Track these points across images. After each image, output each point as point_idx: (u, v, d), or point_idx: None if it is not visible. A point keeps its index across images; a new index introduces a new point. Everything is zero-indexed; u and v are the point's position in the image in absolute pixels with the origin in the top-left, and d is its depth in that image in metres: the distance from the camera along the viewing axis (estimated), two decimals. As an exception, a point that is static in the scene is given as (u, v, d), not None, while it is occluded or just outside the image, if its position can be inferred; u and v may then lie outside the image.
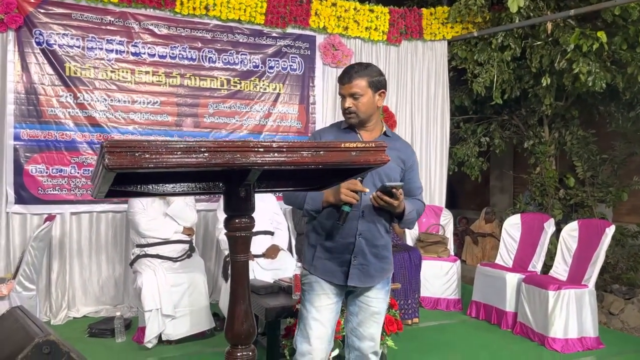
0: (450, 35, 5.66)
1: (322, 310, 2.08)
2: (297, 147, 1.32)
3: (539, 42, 5.24)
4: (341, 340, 2.73)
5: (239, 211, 1.45)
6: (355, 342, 2.12)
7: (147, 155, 1.15)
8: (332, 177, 1.69)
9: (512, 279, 4.10)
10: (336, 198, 1.94)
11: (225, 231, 4.39)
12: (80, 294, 4.34)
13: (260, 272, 3.81)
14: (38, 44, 4.11)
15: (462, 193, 9.02)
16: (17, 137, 4.08)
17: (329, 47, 5.16)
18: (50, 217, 3.77)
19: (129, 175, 1.34)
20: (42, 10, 4.13)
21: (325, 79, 5.24)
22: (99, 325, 3.86)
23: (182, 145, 1.20)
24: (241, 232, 1.45)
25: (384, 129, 2.12)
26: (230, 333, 1.46)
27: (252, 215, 1.47)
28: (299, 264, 3.80)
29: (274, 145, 1.32)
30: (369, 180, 1.98)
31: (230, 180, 1.43)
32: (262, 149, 1.27)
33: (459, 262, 4.82)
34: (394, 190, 1.89)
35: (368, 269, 2.02)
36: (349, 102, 2.02)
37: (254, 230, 4.49)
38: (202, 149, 1.21)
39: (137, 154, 1.14)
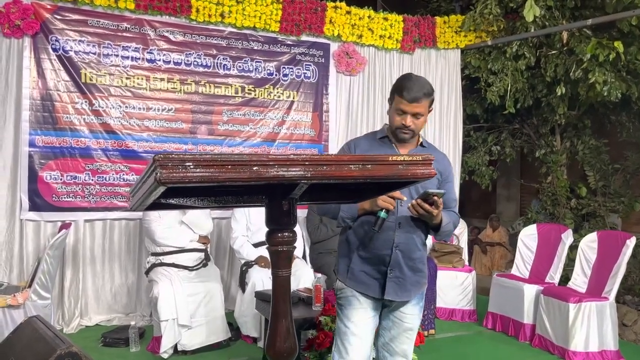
0: (464, 43, 5.64)
1: (360, 325, 2.03)
2: (345, 160, 1.29)
3: (553, 52, 5.22)
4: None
5: (282, 225, 1.42)
6: (386, 358, 2.08)
7: (198, 170, 1.13)
8: (373, 190, 1.66)
9: (530, 291, 4.05)
10: (372, 204, 1.90)
11: (238, 240, 4.32)
12: (92, 302, 4.30)
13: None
14: (54, 50, 4.09)
15: (468, 201, 8.99)
16: (32, 144, 4.05)
17: (343, 55, 5.15)
18: (66, 225, 3.74)
19: (173, 188, 1.31)
20: (58, 17, 4.11)
21: (339, 87, 5.21)
22: (113, 335, 3.82)
23: (232, 159, 1.17)
24: (283, 247, 1.42)
25: (421, 139, 2.08)
26: (272, 350, 1.43)
27: (294, 229, 1.44)
28: (318, 275, 3.78)
29: (322, 158, 1.29)
30: (405, 191, 1.94)
31: (274, 193, 1.39)
32: (310, 163, 1.24)
33: (474, 272, 4.77)
34: (435, 197, 1.85)
35: (404, 282, 1.98)
36: (410, 121, 1.95)
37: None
38: (252, 163, 1.19)
39: (188, 168, 1.12)
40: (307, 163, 1.23)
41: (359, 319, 2.02)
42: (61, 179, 4.15)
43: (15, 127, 4.02)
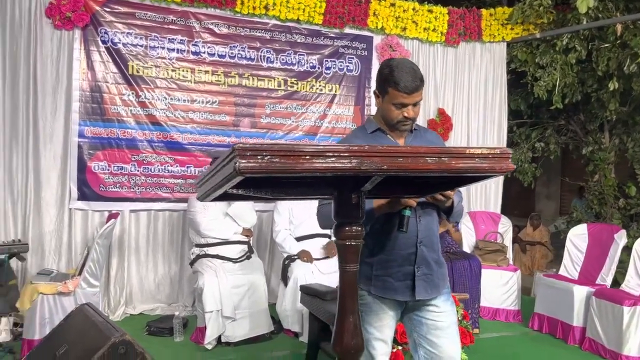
0: (510, 36, 5.47)
1: (383, 329, 1.93)
2: (421, 152, 1.24)
3: (606, 45, 5.02)
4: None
5: (350, 218, 1.38)
6: None
7: (276, 160, 1.10)
8: (441, 184, 1.61)
9: (580, 292, 3.91)
10: (393, 205, 1.74)
11: (281, 233, 4.26)
12: (137, 291, 4.37)
13: (319, 276, 3.75)
14: (103, 42, 4.16)
15: (506, 199, 8.77)
16: (81, 134, 4.14)
17: (386, 48, 5.07)
18: (114, 215, 3.79)
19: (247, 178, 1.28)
20: (107, 9, 4.17)
21: (382, 81, 5.13)
22: (158, 324, 3.87)
23: (310, 150, 1.14)
24: (352, 241, 1.38)
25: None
26: (339, 347, 1.39)
27: (362, 222, 1.40)
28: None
29: (398, 150, 1.24)
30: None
31: (345, 186, 1.36)
32: (386, 155, 1.20)
33: (519, 272, 4.64)
34: None
35: (432, 278, 1.88)
36: (412, 112, 1.81)
37: (310, 232, 4.37)
38: (330, 154, 1.15)
39: (267, 158, 1.09)
40: (383, 155, 1.19)
41: (382, 324, 1.91)
42: (108, 170, 4.23)
43: (66, 118, 4.10)
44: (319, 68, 4.88)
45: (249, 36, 4.61)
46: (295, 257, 3.90)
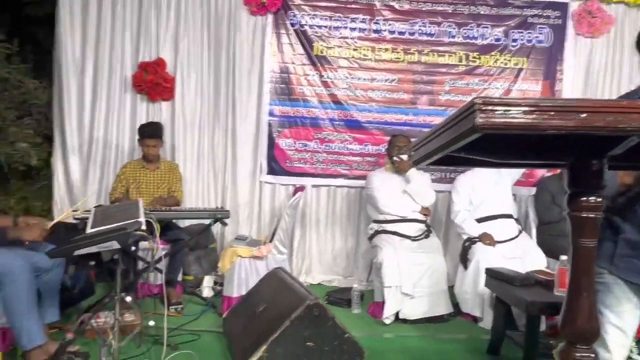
0: None
1: (623, 316, 1.72)
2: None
3: None
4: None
5: (589, 188, 1.22)
6: None
7: (520, 116, 1.01)
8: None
9: None
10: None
11: (460, 214, 4.01)
12: (316, 262, 4.61)
13: (502, 260, 3.53)
14: (292, 25, 4.41)
15: None
16: (271, 113, 4.46)
17: (584, 15, 4.52)
18: (300, 188, 4.03)
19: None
20: (297, -7, 4.41)
21: (577, 52, 4.61)
22: (336, 295, 4.03)
23: (557, 105, 1.02)
24: (589, 213, 1.22)
25: None
26: (570, 329, 1.26)
27: (602, 193, 1.24)
28: (564, 257, 3.42)
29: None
30: None
31: (586, 149, 1.21)
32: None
33: None
34: None
35: None
36: None
37: (493, 213, 4.07)
38: (580, 109, 1.02)
39: (509, 114, 1.01)
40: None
41: (622, 309, 1.70)
42: (294, 146, 4.50)
43: (258, 98, 4.46)
44: (504, 40, 4.55)
45: (431, 11, 4.48)
46: (476, 239, 3.72)
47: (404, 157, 3.87)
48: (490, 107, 1.01)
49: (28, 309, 2.36)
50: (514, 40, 4.55)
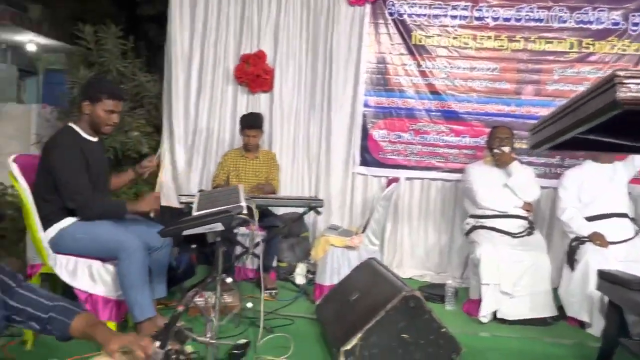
0: None
1: None
2: None
3: None
4: None
5: None
6: None
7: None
8: None
9: None
10: None
11: (567, 211, 3.74)
12: (407, 256, 4.53)
13: (614, 263, 3.24)
14: (390, 14, 4.35)
15: None
16: (365, 104, 4.44)
17: None
18: (394, 180, 3.97)
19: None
20: (395, -18, 4.34)
21: None
22: (429, 290, 3.93)
23: None
24: None
25: None
26: None
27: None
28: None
29: None
30: None
31: None
32: None
33: None
34: None
35: None
36: None
37: (604, 212, 3.76)
38: None
39: (654, 88, 0.91)
40: None
41: None
42: (387, 138, 4.45)
43: (354, 88, 4.46)
44: (623, 25, 4.17)
45: (540, -5, 4.22)
46: (586, 239, 3.45)
47: (506, 149, 3.68)
48: (634, 81, 0.92)
49: (141, 284, 2.53)
50: (635, 24, 4.16)
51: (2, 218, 3.73)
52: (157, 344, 1.70)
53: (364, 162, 4.49)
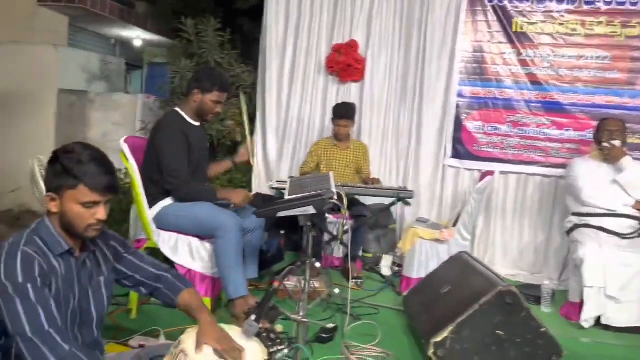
0: None
1: None
2: None
3: None
4: None
5: None
6: None
7: None
8: None
9: None
10: None
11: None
12: (499, 254, 4.33)
13: None
14: (489, 1, 4.16)
15: None
16: (460, 94, 4.29)
17: None
18: (488, 173, 3.81)
19: None
20: (495, -32, 4.14)
21: None
22: (524, 290, 3.68)
23: None
24: None
25: None
26: None
27: None
28: None
29: None
30: None
31: None
32: None
33: None
34: None
35: None
36: None
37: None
38: None
39: None
40: None
41: None
42: (482, 130, 4.27)
43: (448, 78, 4.31)
44: None
45: (662, -26, 3.84)
46: None
47: (617, 142, 3.39)
48: None
49: (236, 262, 2.63)
50: None
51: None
52: (253, 317, 1.75)
53: (456, 155, 4.34)
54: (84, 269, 1.57)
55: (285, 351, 1.44)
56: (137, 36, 8.41)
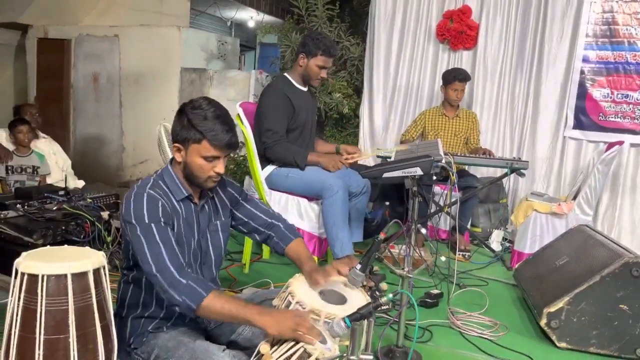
0: None
1: None
2: None
3: None
4: None
5: None
6: None
7: None
8: None
9: None
10: None
11: None
12: (626, 234, 3.95)
13: None
14: (624, -47, 3.75)
15: None
16: (585, 59, 3.94)
17: None
18: (618, 142, 3.47)
19: None
20: None
21: None
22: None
23: None
24: None
25: None
26: None
27: None
28: None
29: None
30: None
31: None
32: None
33: None
34: None
35: None
36: None
37: None
38: None
39: None
40: None
41: None
42: (610, 97, 3.89)
43: (571, 42, 3.98)
44: None
45: None
46: None
47: None
48: None
49: (342, 222, 2.68)
50: None
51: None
52: (358, 266, 1.78)
53: (579, 125, 4.01)
54: (203, 214, 1.69)
55: (391, 295, 1.45)
56: (251, 17, 8.78)
